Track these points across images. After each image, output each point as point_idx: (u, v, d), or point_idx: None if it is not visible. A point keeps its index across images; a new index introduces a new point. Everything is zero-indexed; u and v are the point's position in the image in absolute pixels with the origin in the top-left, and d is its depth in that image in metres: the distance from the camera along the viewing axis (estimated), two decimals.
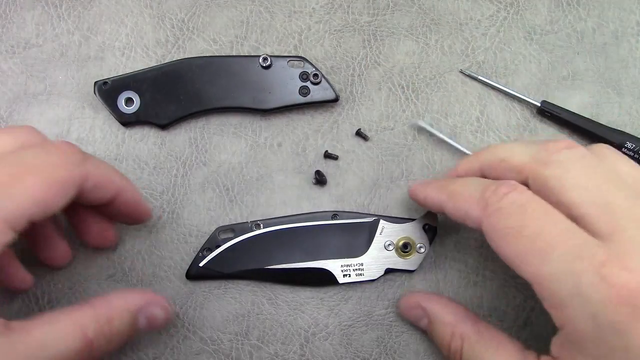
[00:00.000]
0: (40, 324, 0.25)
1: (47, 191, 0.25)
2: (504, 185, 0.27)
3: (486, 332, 0.29)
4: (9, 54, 0.37)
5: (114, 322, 0.27)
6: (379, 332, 0.34)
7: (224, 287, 0.34)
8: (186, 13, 0.38)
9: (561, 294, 0.24)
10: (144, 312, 0.29)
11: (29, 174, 0.24)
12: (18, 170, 0.24)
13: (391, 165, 0.37)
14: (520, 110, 0.38)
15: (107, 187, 0.29)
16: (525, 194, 0.26)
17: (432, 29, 0.38)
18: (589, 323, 0.23)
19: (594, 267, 0.23)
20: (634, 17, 0.39)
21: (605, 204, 0.24)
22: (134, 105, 0.35)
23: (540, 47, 0.38)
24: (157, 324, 0.30)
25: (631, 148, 0.35)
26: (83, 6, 0.38)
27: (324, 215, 0.35)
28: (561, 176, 0.26)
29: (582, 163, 0.26)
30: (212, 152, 0.36)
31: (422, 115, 0.37)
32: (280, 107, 0.36)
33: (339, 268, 0.34)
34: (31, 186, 0.24)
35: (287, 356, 0.34)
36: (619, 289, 0.22)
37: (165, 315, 0.30)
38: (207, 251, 0.34)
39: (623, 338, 0.22)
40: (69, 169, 0.26)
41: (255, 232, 0.34)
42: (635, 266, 0.23)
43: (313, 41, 0.38)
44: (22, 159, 0.25)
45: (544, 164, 0.27)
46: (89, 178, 0.27)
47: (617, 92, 0.38)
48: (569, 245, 0.24)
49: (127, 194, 0.30)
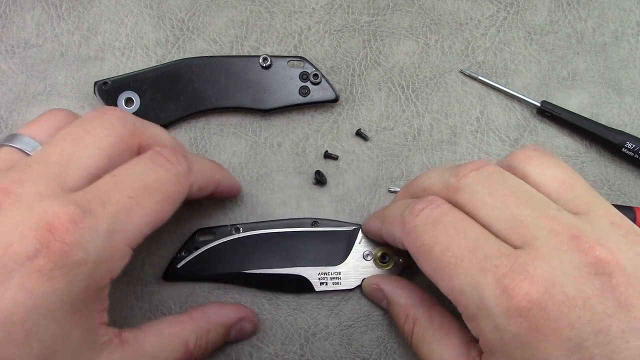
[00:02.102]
0: (150, 336, 0.27)
1: (162, 209, 0.26)
2: (420, 202, 0.27)
3: (437, 318, 0.29)
4: (9, 54, 0.37)
5: (211, 335, 0.30)
6: (379, 332, 0.34)
7: (224, 287, 0.34)
8: (186, 13, 0.38)
9: (471, 307, 0.24)
10: (236, 326, 0.32)
11: (145, 196, 0.25)
12: (137, 193, 0.25)
13: (391, 166, 0.37)
14: (520, 110, 0.38)
15: (209, 186, 0.30)
16: (439, 209, 0.26)
17: (432, 29, 0.38)
18: (495, 335, 0.23)
19: (496, 278, 0.23)
20: (634, 17, 0.39)
21: (512, 218, 0.25)
22: (134, 105, 0.35)
23: (540, 47, 0.38)
24: (245, 336, 0.33)
25: (631, 148, 0.35)
26: (83, 6, 0.38)
27: (303, 222, 0.35)
28: (470, 199, 0.26)
29: (487, 182, 0.26)
30: (212, 152, 0.36)
31: (422, 116, 0.37)
32: (280, 107, 0.36)
33: (316, 276, 0.33)
34: (149, 208, 0.25)
35: (287, 356, 0.34)
36: (519, 301, 0.22)
37: (253, 328, 0.33)
38: (185, 252, 0.34)
39: (527, 351, 0.22)
40: (178, 183, 0.27)
41: (235, 235, 0.34)
42: (540, 275, 0.22)
43: (313, 41, 0.38)
44: (136, 178, 0.26)
45: (455, 189, 0.27)
46: (193, 185, 0.29)
47: (617, 92, 0.38)
48: (476, 257, 0.24)
49: (225, 185, 0.32)
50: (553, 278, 0.22)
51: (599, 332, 0.21)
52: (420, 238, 0.26)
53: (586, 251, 0.23)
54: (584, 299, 0.22)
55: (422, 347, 0.29)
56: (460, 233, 0.25)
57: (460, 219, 0.26)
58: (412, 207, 0.27)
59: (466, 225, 0.25)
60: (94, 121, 0.27)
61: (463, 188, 0.27)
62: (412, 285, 0.32)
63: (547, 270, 0.22)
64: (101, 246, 0.23)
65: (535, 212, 0.25)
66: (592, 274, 0.22)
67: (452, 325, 0.29)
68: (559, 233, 0.23)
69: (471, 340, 0.27)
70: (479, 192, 0.26)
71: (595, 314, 0.21)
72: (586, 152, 0.37)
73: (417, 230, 0.26)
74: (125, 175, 0.25)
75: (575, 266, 0.22)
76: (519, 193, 0.26)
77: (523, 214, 0.25)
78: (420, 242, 0.26)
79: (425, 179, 0.30)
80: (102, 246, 0.23)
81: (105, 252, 0.23)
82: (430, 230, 0.26)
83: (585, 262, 0.23)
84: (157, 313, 0.34)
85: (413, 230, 0.27)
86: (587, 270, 0.22)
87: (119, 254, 0.24)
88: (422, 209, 0.27)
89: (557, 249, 0.23)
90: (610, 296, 0.22)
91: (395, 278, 0.33)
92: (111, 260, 0.24)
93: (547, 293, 0.22)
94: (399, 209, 0.29)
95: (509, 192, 0.26)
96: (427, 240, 0.26)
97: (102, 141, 0.26)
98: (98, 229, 0.23)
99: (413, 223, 0.27)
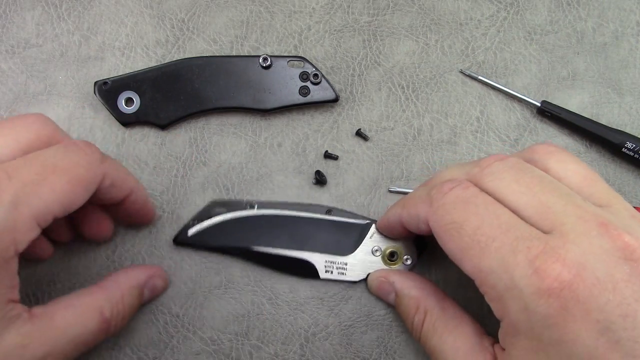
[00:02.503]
0: (61, 309, 0.27)
1: (71, 190, 0.26)
2: (449, 182, 0.27)
3: (450, 309, 0.30)
4: (9, 54, 0.37)
5: (125, 299, 0.30)
6: (379, 332, 0.34)
7: (224, 287, 0.34)
8: (186, 13, 0.38)
9: (498, 287, 0.24)
10: (148, 285, 0.32)
11: (54, 174, 0.25)
12: (44, 170, 0.25)
13: (391, 166, 0.37)
14: (520, 110, 0.38)
15: (122, 186, 0.30)
16: (469, 190, 0.27)
17: (432, 29, 0.38)
18: (523, 316, 0.23)
19: (528, 259, 0.23)
20: (634, 17, 0.39)
21: (541, 204, 0.25)
22: (134, 105, 0.35)
23: (540, 47, 0.38)
24: (158, 293, 0.34)
25: (631, 148, 0.35)
26: (83, 6, 0.38)
27: (319, 208, 0.35)
28: (497, 185, 0.27)
29: (513, 171, 0.27)
30: (212, 152, 0.36)
31: (422, 116, 0.37)
32: (280, 107, 0.36)
33: (323, 263, 0.34)
34: (57, 186, 0.25)
35: (287, 356, 0.34)
36: (550, 282, 0.22)
37: (164, 284, 0.34)
38: (197, 221, 0.34)
39: (555, 331, 0.22)
40: (90, 168, 0.27)
41: (248, 212, 0.34)
42: (570, 258, 0.23)
43: (313, 41, 0.38)
44: (47, 159, 0.26)
45: (480, 177, 0.27)
46: (106, 177, 0.28)
47: (617, 92, 0.38)
48: (508, 238, 0.24)
49: (137, 195, 0.31)
50: (584, 261, 0.23)
51: (627, 316, 0.22)
52: (449, 215, 0.26)
53: (615, 237, 0.23)
54: (613, 282, 0.22)
55: (432, 338, 0.29)
56: (491, 214, 0.25)
57: (491, 201, 0.26)
58: (440, 187, 0.27)
59: (497, 207, 0.26)
60: (19, 119, 0.29)
61: (488, 175, 0.27)
62: (422, 278, 0.33)
63: (578, 254, 0.23)
64: (4, 216, 0.24)
65: (562, 200, 0.25)
66: (622, 259, 0.23)
67: (464, 316, 0.29)
68: (588, 220, 0.24)
69: (484, 331, 0.28)
70: (505, 179, 0.26)
71: (623, 298, 0.22)
72: (586, 152, 0.37)
73: (446, 208, 0.26)
74: (37, 156, 0.26)
75: (605, 251, 0.23)
76: (545, 182, 0.26)
77: (551, 200, 0.25)
78: (449, 219, 0.26)
79: (446, 173, 0.30)
80: (5, 217, 0.24)
81: (8, 222, 0.24)
82: (461, 208, 0.26)
83: (615, 247, 0.23)
84: (157, 313, 0.34)
85: (441, 208, 0.27)
86: (617, 255, 0.23)
87: (23, 227, 0.24)
88: (452, 188, 0.27)
89: (586, 234, 0.24)
90: (638, 281, 0.22)
91: (404, 272, 0.33)
92: (15, 231, 0.24)
93: (579, 275, 0.22)
94: (423, 190, 0.29)
95: (535, 180, 0.26)
96: (457, 218, 0.26)
97: (20, 135, 0.27)
98: (2, 199, 0.24)
99: (442, 201, 0.27)
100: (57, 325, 0.26)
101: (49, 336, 0.26)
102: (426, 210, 0.28)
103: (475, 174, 0.28)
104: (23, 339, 0.24)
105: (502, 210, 0.25)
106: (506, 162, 0.27)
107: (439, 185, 0.28)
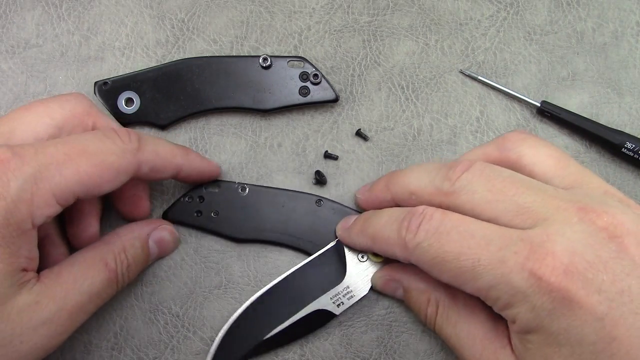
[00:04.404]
0: (67, 266, 0.28)
1: (96, 173, 0.27)
2: (414, 218, 0.27)
3: (460, 297, 0.30)
4: (9, 54, 0.37)
5: (129, 251, 0.31)
6: (379, 332, 0.34)
7: (224, 287, 0.34)
8: (186, 13, 0.38)
9: (503, 298, 0.25)
10: (153, 237, 0.33)
11: (81, 156, 0.26)
12: (72, 151, 0.26)
13: (391, 166, 0.37)
14: (520, 110, 0.38)
15: (165, 169, 0.31)
16: (434, 219, 0.27)
17: (432, 29, 0.38)
18: (532, 315, 0.24)
19: (520, 264, 0.24)
20: (634, 17, 0.39)
21: (518, 206, 0.26)
22: (134, 105, 0.35)
23: (540, 47, 0.38)
24: (167, 247, 0.34)
25: (631, 148, 0.35)
26: (83, 6, 0.38)
27: (308, 197, 0.35)
28: (469, 199, 0.27)
29: (482, 180, 0.27)
30: (212, 152, 0.36)
31: (422, 116, 0.37)
32: (280, 107, 0.36)
33: (330, 301, 0.33)
34: (82, 167, 0.26)
35: (287, 356, 0.34)
36: (548, 277, 0.23)
37: (173, 237, 0.34)
38: (189, 198, 0.34)
39: (563, 321, 0.23)
40: (123, 156, 0.28)
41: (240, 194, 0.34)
42: (559, 249, 0.23)
43: (313, 41, 0.38)
44: (80, 142, 0.27)
45: (451, 194, 0.28)
46: (143, 165, 0.29)
47: (617, 92, 0.38)
48: (491, 252, 0.25)
49: (189, 169, 0.32)
50: (572, 249, 0.23)
51: (623, 292, 0.23)
52: (427, 254, 0.27)
53: (594, 219, 0.24)
54: (603, 262, 0.23)
55: (447, 328, 0.29)
56: (465, 236, 0.26)
57: (458, 222, 0.26)
58: (408, 226, 0.27)
59: (468, 226, 0.26)
60: (55, 98, 0.30)
61: (459, 191, 0.27)
62: None
63: (565, 243, 0.24)
64: (23, 187, 0.24)
65: (538, 196, 0.26)
66: (606, 238, 0.24)
67: (475, 303, 0.29)
68: (566, 208, 0.25)
69: (497, 316, 0.28)
70: (478, 192, 0.27)
71: (615, 274, 0.23)
72: (586, 152, 0.37)
73: (422, 247, 0.27)
74: (70, 139, 0.27)
75: (589, 234, 0.24)
76: (516, 182, 0.27)
77: (528, 200, 0.26)
78: (429, 257, 0.27)
79: (412, 180, 0.30)
80: (24, 187, 0.24)
81: (26, 193, 0.24)
82: (436, 243, 0.26)
83: (597, 228, 0.24)
84: (157, 313, 0.34)
85: (418, 248, 0.27)
86: (601, 236, 0.24)
87: (41, 200, 0.25)
88: (419, 225, 0.27)
89: (568, 222, 0.24)
90: (625, 256, 0.23)
91: (407, 266, 0.33)
92: (32, 204, 0.25)
93: (571, 263, 0.23)
94: (390, 228, 0.29)
95: (507, 183, 0.27)
96: (436, 254, 0.26)
97: (55, 112, 0.29)
98: (23, 170, 0.24)
99: (415, 241, 0.27)
100: (65, 281, 0.27)
101: (58, 292, 0.27)
102: (402, 252, 0.28)
103: (446, 191, 0.28)
104: (35, 297, 0.26)
105: (475, 225, 0.26)
106: (474, 172, 0.27)
107: (407, 224, 0.27)
